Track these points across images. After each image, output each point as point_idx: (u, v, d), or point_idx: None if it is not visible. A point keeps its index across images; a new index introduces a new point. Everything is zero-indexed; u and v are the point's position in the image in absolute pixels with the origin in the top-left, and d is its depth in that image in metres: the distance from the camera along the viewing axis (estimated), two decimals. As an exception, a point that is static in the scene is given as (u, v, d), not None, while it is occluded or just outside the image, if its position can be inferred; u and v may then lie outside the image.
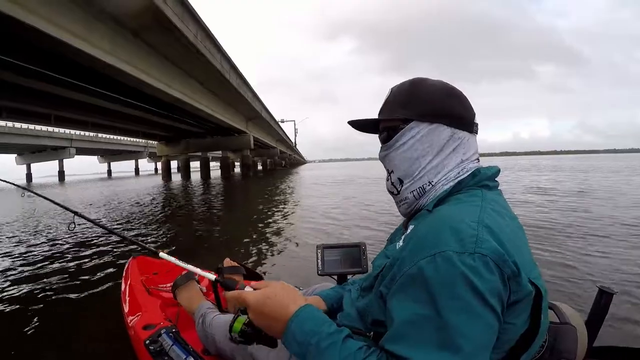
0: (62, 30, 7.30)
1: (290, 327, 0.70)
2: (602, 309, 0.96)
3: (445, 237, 0.66)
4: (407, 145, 0.85)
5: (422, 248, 0.67)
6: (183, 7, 9.73)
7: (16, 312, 2.99)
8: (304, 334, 0.68)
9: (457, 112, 0.84)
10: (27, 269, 4.31)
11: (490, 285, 0.61)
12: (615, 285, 2.67)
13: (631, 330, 2.33)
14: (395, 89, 0.90)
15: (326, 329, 0.68)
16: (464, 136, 0.84)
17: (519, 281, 0.64)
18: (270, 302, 0.74)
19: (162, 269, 2.33)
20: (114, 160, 73.47)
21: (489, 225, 0.68)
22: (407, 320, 0.64)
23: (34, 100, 14.82)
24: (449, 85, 0.87)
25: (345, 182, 18.63)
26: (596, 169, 25.24)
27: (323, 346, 0.66)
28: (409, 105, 0.86)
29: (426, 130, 0.83)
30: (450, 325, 0.60)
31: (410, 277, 0.66)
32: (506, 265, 0.63)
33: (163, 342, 1.44)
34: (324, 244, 1.61)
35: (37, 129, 35.29)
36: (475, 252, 0.63)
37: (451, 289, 0.61)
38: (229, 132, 26.66)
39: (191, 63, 12.65)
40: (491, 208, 0.74)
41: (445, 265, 0.62)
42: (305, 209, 8.93)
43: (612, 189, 11.04)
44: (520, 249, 0.69)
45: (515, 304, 0.66)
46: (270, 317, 0.73)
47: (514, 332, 0.68)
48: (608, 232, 5.05)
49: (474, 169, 0.83)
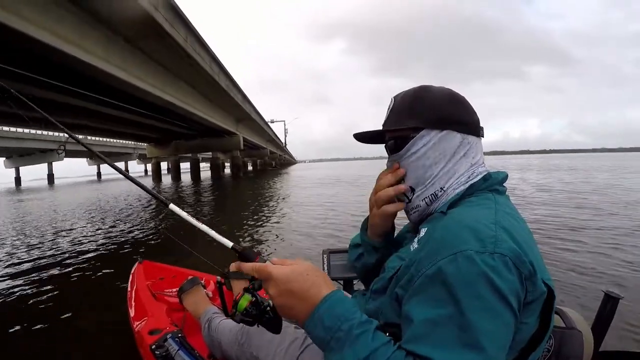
0: (55, 37, 7.42)
1: (320, 309, 0.68)
2: (608, 313, 0.96)
3: (465, 237, 0.66)
4: (419, 154, 0.85)
5: (442, 248, 0.67)
6: (174, 12, 9.95)
7: (17, 315, 3.01)
8: (334, 319, 0.66)
9: (465, 118, 0.85)
10: (27, 268, 4.41)
11: (510, 285, 0.62)
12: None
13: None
14: (399, 98, 0.89)
15: (358, 317, 0.67)
16: (473, 140, 0.85)
17: (535, 281, 0.65)
18: (302, 279, 0.71)
19: (168, 274, 2.34)
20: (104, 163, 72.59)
21: (505, 226, 0.69)
22: (428, 319, 0.63)
23: (26, 105, 14.68)
24: (453, 91, 0.87)
25: (326, 185, 17.39)
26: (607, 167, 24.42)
27: (355, 333, 0.64)
28: (417, 113, 0.85)
29: (437, 137, 0.84)
30: (472, 324, 0.59)
31: (429, 277, 0.66)
32: (524, 266, 0.64)
33: (169, 347, 1.45)
34: (329, 248, 1.58)
35: (25, 132, 34.94)
36: (495, 251, 0.63)
37: (473, 288, 0.61)
38: (219, 133, 26.74)
39: (182, 66, 12.83)
40: (504, 211, 0.75)
41: (467, 264, 0.63)
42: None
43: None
44: (535, 250, 0.70)
45: (530, 303, 0.66)
46: (298, 295, 0.70)
47: (527, 331, 0.69)
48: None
49: (484, 172, 0.85)
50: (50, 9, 7.20)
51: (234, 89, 19.19)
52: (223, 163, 41.12)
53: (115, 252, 5.41)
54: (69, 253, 5.39)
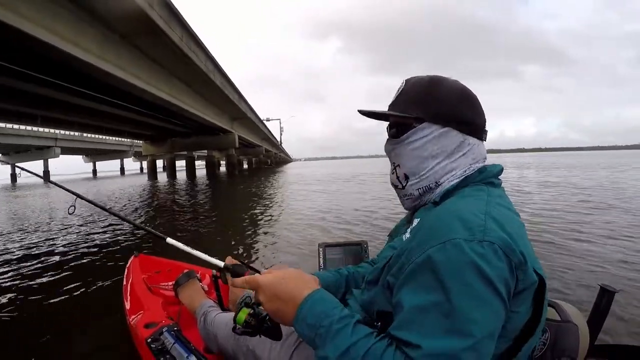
0: (52, 34, 7.46)
1: (302, 309, 0.71)
2: (603, 307, 0.97)
3: (454, 226, 0.67)
4: (417, 144, 0.85)
5: (432, 237, 0.68)
6: (169, 10, 10.01)
7: (14, 311, 3.00)
8: (316, 316, 0.69)
9: (470, 118, 0.84)
10: (27, 265, 4.37)
11: (499, 273, 0.63)
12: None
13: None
14: (410, 83, 0.89)
15: (338, 312, 0.69)
16: (474, 142, 0.85)
17: (526, 270, 0.66)
18: (285, 283, 0.75)
19: (164, 267, 2.34)
20: (99, 160, 72.39)
21: (495, 217, 0.69)
22: (416, 306, 0.64)
23: (21, 101, 14.78)
24: (466, 88, 0.86)
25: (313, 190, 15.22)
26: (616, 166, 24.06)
27: (335, 329, 0.67)
28: (424, 104, 0.85)
29: (438, 132, 0.84)
30: (460, 311, 0.60)
31: (419, 265, 0.67)
32: (514, 254, 0.65)
33: (165, 341, 1.45)
34: (325, 242, 1.60)
35: (22, 129, 34.76)
36: (485, 239, 0.64)
37: (461, 275, 0.62)
38: (214, 131, 26.80)
39: (177, 64, 12.89)
40: (497, 202, 0.76)
41: (455, 252, 0.63)
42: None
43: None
44: (525, 241, 0.71)
45: (521, 292, 0.67)
46: (282, 299, 0.74)
47: (519, 320, 0.69)
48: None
49: (479, 166, 0.85)
50: (47, 6, 7.24)
51: (229, 87, 19.26)
52: (218, 161, 41.16)
53: (111, 245, 5.43)
54: (62, 247, 5.42)
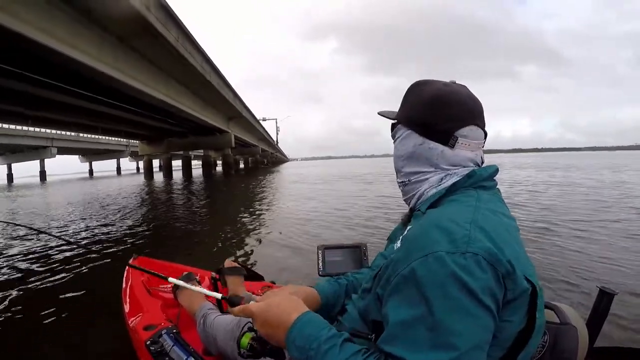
0: (50, 37, 7.55)
1: (292, 333, 0.73)
2: (602, 309, 0.96)
3: (437, 238, 0.67)
4: (395, 144, 0.91)
5: (415, 249, 0.68)
6: (165, 12, 10.09)
7: (13, 313, 3.00)
8: (304, 339, 0.71)
9: (430, 122, 0.83)
10: (26, 267, 4.42)
11: (482, 284, 0.62)
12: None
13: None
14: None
15: (325, 333, 0.70)
16: (436, 147, 0.83)
17: (515, 279, 0.65)
18: (274, 310, 0.77)
19: (163, 270, 2.23)
20: (96, 160, 71.94)
21: (482, 225, 0.68)
22: (401, 321, 0.64)
23: (18, 102, 14.75)
24: (441, 93, 0.83)
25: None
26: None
27: (323, 349, 0.68)
28: (401, 107, 0.90)
29: (405, 134, 0.87)
30: (443, 324, 0.60)
31: (403, 278, 0.67)
32: (500, 264, 0.64)
33: (164, 343, 1.44)
34: (324, 244, 1.57)
35: (18, 129, 34.61)
36: (467, 251, 0.63)
37: (443, 288, 0.62)
38: (210, 131, 26.86)
39: (174, 65, 12.99)
40: (486, 208, 0.75)
41: (437, 265, 0.63)
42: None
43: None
44: (516, 248, 0.70)
45: (512, 301, 0.66)
46: (273, 325, 0.76)
47: (512, 329, 0.68)
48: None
49: (468, 170, 0.83)
50: (45, 10, 7.33)
51: (225, 87, 19.37)
52: (215, 161, 41.10)
53: (109, 247, 5.46)
54: (61, 247, 5.43)
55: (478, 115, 0.83)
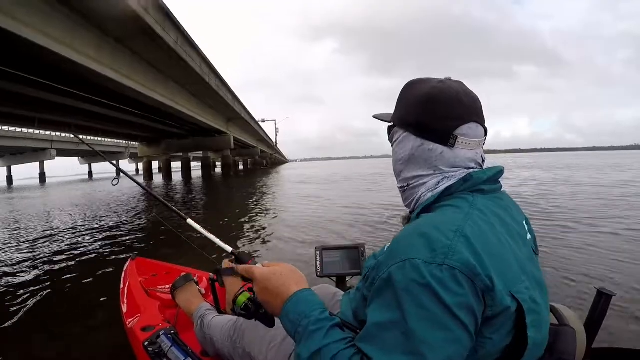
0: (48, 38, 7.54)
1: (287, 305, 0.74)
2: (601, 310, 0.96)
3: (417, 245, 0.66)
4: (393, 147, 0.88)
5: (396, 254, 0.67)
6: (164, 14, 10.09)
7: (12, 313, 2.98)
8: (296, 314, 0.72)
9: (426, 122, 0.80)
10: (25, 266, 4.42)
11: (457, 299, 0.61)
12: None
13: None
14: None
15: (316, 314, 0.71)
16: (435, 148, 0.79)
17: (494, 296, 0.63)
18: (275, 279, 0.78)
19: (161, 270, 2.34)
20: (95, 162, 72.01)
21: (468, 235, 0.66)
22: (377, 322, 0.64)
23: (18, 104, 14.71)
24: (433, 91, 0.80)
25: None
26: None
27: (310, 329, 0.68)
28: (396, 109, 0.88)
29: (402, 136, 0.84)
30: (414, 332, 0.60)
31: (383, 281, 0.67)
32: (478, 278, 0.62)
33: (162, 344, 1.44)
34: (322, 245, 1.58)
35: (18, 131, 34.55)
36: (445, 263, 0.62)
37: (417, 297, 0.61)
38: (209, 132, 26.88)
39: (173, 67, 13.01)
40: (479, 215, 0.71)
41: (412, 273, 0.62)
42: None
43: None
44: (506, 261, 0.68)
45: (492, 318, 0.64)
46: (272, 293, 0.77)
47: (492, 346, 0.67)
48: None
49: (465, 174, 0.79)
50: (43, 11, 7.32)
51: (224, 88, 19.38)
52: (214, 162, 41.09)
53: (107, 248, 5.44)
54: (59, 251, 5.44)
55: (476, 111, 0.80)
